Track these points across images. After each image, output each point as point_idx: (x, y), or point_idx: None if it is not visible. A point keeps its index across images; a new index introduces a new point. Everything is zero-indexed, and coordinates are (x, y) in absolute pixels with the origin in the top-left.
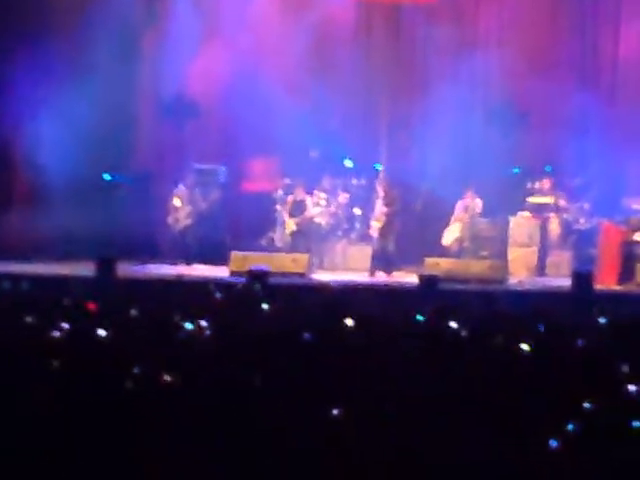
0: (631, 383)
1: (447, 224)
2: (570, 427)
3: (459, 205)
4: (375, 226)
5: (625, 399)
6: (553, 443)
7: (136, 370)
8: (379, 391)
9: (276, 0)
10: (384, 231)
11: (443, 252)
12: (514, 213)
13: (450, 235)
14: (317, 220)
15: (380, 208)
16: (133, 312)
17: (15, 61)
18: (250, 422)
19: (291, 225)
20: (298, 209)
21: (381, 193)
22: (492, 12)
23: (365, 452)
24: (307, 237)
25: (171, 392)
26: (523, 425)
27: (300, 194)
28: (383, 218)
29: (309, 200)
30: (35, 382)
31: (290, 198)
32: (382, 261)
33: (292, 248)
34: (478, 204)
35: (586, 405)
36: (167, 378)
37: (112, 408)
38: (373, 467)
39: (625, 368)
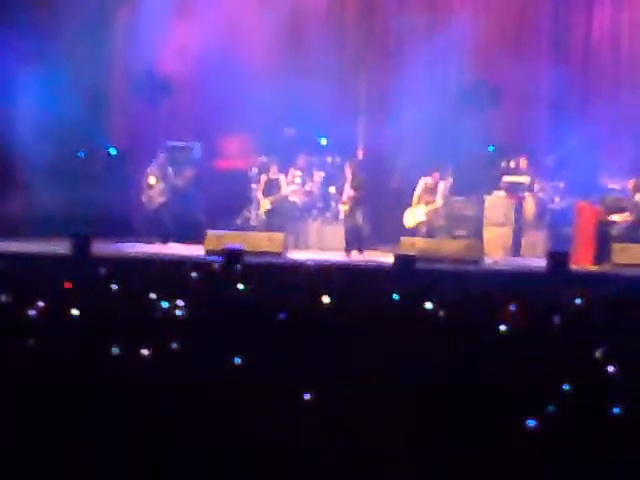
0: (607, 364)
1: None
2: (548, 408)
3: (422, 185)
4: (342, 209)
5: (601, 380)
6: (531, 423)
7: (112, 348)
8: (355, 371)
9: None
10: (351, 213)
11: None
12: (489, 192)
13: (413, 218)
14: (292, 199)
15: (347, 191)
16: (109, 290)
17: None
18: (227, 401)
19: (265, 204)
20: (272, 188)
21: (349, 176)
22: None
23: (339, 433)
24: (282, 216)
25: (147, 370)
26: (500, 405)
27: (274, 173)
28: (350, 202)
29: (283, 178)
30: (11, 360)
31: (264, 177)
32: (353, 240)
33: (267, 227)
34: (445, 185)
35: (563, 386)
36: (143, 355)
37: (88, 386)
38: (350, 447)
39: (601, 349)
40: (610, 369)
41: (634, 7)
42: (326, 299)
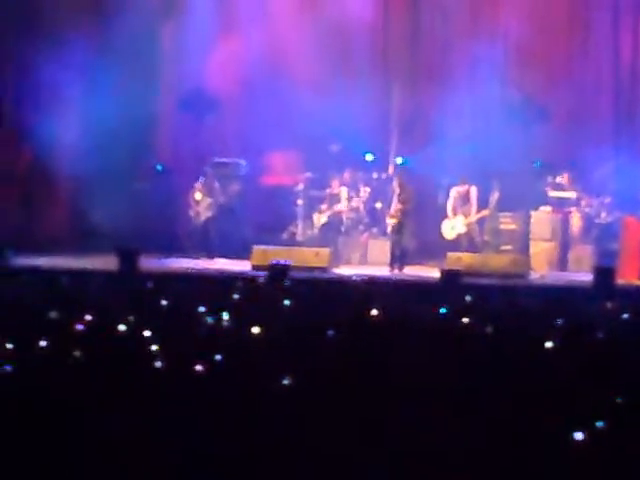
0: None
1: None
2: (596, 423)
3: (455, 194)
4: (390, 222)
5: None
6: (578, 436)
7: (158, 363)
8: (403, 387)
9: None
10: (399, 228)
11: (457, 246)
12: (536, 207)
13: (453, 230)
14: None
15: (395, 205)
16: (156, 305)
17: (37, 55)
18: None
19: (322, 218)
20: (332, 202)
21: (397, 190)
22: (512, 5)
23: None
24: (335, 230)
25: (194, 385)
26: (546, 420)
27: (336, 187)
28: (398, 215)
29: (344, 192)
30: (61, 374)
31: (328, 191)
32: (397, 257)
33: (320, 241)
34: (474, 192)
35: (609, 400)
36: (195, 369)
37: (135, 400)
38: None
39: None
40: None
41: None
42: (374, 312)
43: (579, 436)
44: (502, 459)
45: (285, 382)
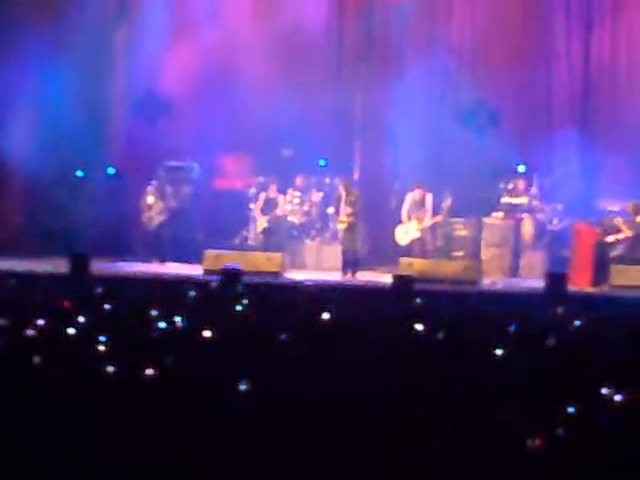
0: (605, 385)
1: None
2: (547, 428)
3: (409, 200)
4: (341, 227)
5: (599, 400)
6: (529, 443)
7: (110, 367)
8: (354, 390)
9: None
10: (350, 231)
11: (410, 252)
12: (488, 214)
13: (407, 235)
14: (290, 219)
15: (344, 209)
16: (107, 309)
17: None
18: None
19: (262, 222)
20: (270, 206)
21: (342, 194)
22: (465, 12)
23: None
24: (279, 235)
25: (146, 388)
26: (498, 426)
27: (273, 191)
28: (348, 219)
29: (281, 198)
30: (13, 380)
31: (263, 195)
32: (350, 262)
33: (264, 246)
34: (429, 198)
35: (560, 406)
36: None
37: (86, 404)
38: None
39: (598, 369)
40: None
41: (633, 30)
42: (326, 316)
43: (532, 443)
44: (455, 466)
45: (242, 387)
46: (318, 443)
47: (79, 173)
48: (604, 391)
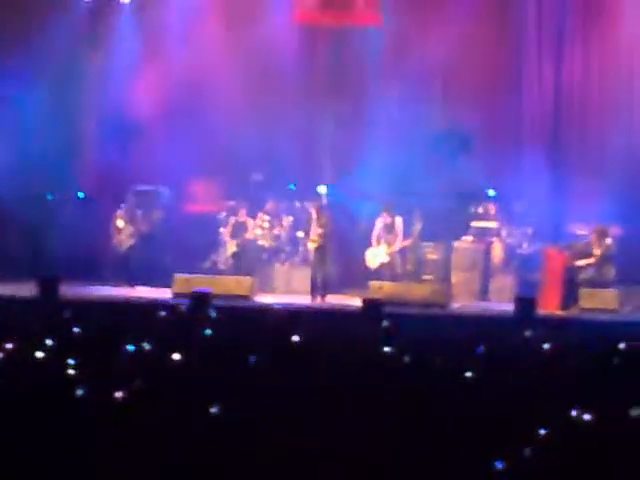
0: (574, 407)
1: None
2: (517, 452)
3: (380, 224)
4: (311, 247)
5: (570, 423)
6: (498, 465)
7: (79, 391)
8: (325, 414)
9: (220, 22)
10: (320, 253)
11: (379, 275)
12: (458, 237)
13: (376, 259)
14: (260, 242)
15: (314, 230)
16: (76, 333)
17: None
18: (194, 442)
19: (232, 246)
20: (239, 230)
21: (314, 215)
22: (436, 36)
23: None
24: (249, 259)
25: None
26: (465, 449)
27: (242, 216)
28: (318, 239)
29: (250, 222)
30: None
31: (232, 220)
32: (318, 286)
33: (234, 270)
34: (399, 222)
35: (530, 429)
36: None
37: (54, 427)
38: None
39: (569, 392)
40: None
41: (604, 54)
42: (295, 339)
43: (499, 466)
44: None
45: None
46: (287, 463)
47: (49, 196)
48: (573, 413)
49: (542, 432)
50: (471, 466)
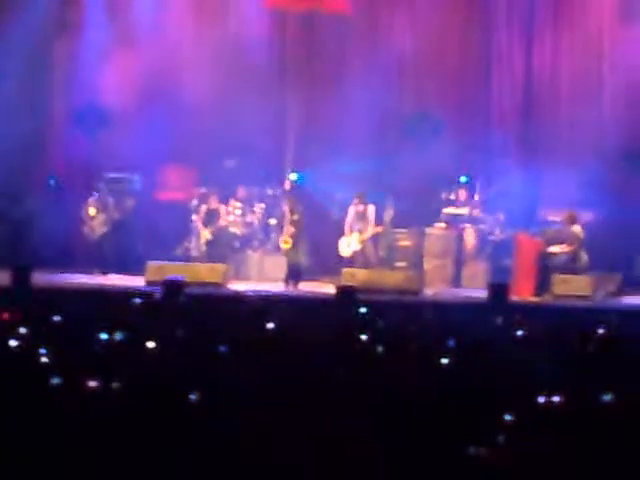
0: (544, 394)
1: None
2: (490, 438)
3: (352, 212)
4: (284, 247)
5: (538, 410)
6: (471, 450)
7: (52, 380)
8: (296, 403)
9: (190, 7)
10: (292, 250)
11: (351, 263)
12: (430, 224)
13: (348, 247)
14: (232, 230)
15: (287, 229)
16: (49, 321)
17: None
18: (171, 431)
19: (205, 234)
20: (212, 218)
21: (287, 214)
22: (406, 22)
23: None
24: (222, 246)
25: (88, 401)
26: (440, 437)
27: (214, 203)
28: (290, 240)
29: (222, 209)
30: None
31: (204, 207)
32: (293, 275)
33: (207, 257)
34: (371, 210)
35: (503, 417)
36: (87, 386)
37: (28, 417)
38: None
39: (538, 379)
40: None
41: (573, 38)
42: (269, 327)
43: (473, 452)
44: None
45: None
46: (261, 454)
47: (19, 184)
48: (542, 399)
49: (509, 418)
50: (445, 453)
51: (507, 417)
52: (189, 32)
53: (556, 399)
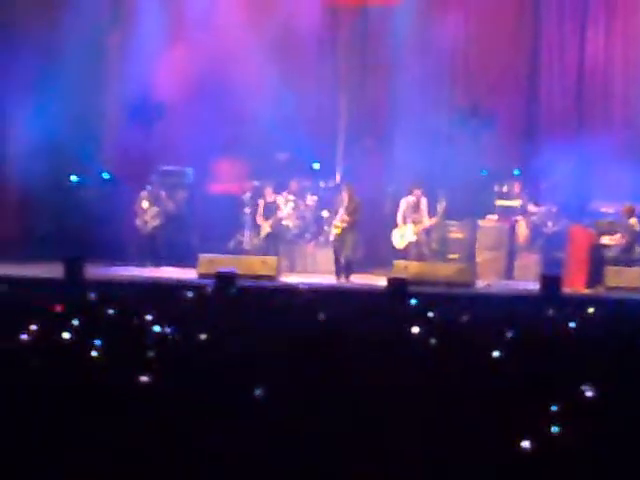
0: (599, 386)
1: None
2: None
3: (405, 204)
4: (334, 232)
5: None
6: (525, 445)
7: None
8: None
9: (242, 1)
10: (341, 238)
11: (405, 255)
12: (482, 216)
13: (403, 238)
14: (285, 222)
15: (342, 216)
16: (101, 314)
17: None
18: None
19: (266, 227)
20: (270, 211)
21: (345, 201)
22: (460, 14)
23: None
24: (278, 239)
25: (142, 394)
26: (495, 430)
27: (270, 195)
28: (343, 225)
29: (280, 200)
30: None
31: (261, 201)
32: (342, 267)
33: (264, 250)
34: (424, 202)
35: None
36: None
37: (80, 409)
38: None
39: (594, 371)
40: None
41: (627, 35)
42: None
43: (526, 445)
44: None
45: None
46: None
47: (73, 178)
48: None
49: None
50: (498, 446)
51: (554, 408)
52: (241, 25)
53: (605, 391)
